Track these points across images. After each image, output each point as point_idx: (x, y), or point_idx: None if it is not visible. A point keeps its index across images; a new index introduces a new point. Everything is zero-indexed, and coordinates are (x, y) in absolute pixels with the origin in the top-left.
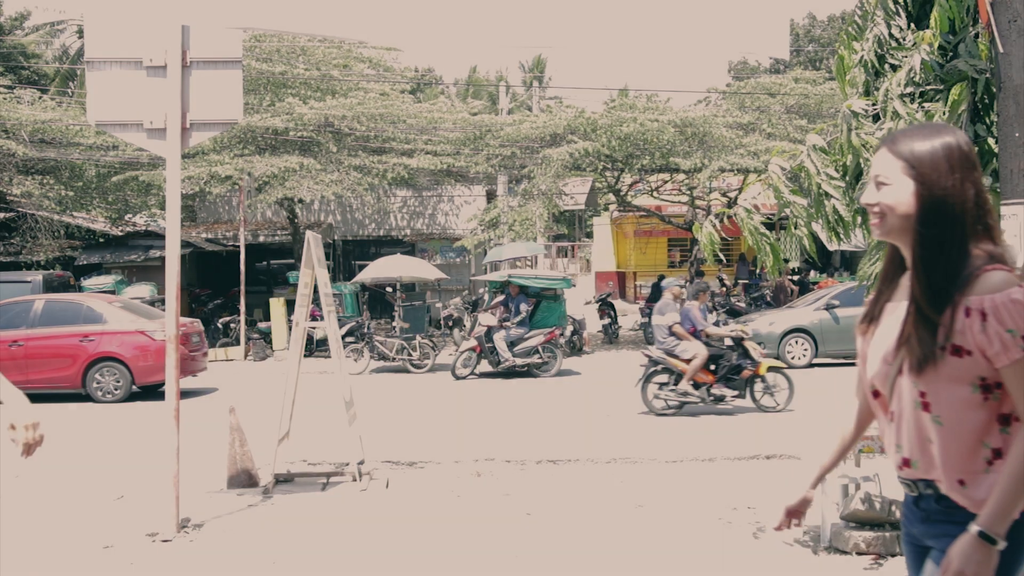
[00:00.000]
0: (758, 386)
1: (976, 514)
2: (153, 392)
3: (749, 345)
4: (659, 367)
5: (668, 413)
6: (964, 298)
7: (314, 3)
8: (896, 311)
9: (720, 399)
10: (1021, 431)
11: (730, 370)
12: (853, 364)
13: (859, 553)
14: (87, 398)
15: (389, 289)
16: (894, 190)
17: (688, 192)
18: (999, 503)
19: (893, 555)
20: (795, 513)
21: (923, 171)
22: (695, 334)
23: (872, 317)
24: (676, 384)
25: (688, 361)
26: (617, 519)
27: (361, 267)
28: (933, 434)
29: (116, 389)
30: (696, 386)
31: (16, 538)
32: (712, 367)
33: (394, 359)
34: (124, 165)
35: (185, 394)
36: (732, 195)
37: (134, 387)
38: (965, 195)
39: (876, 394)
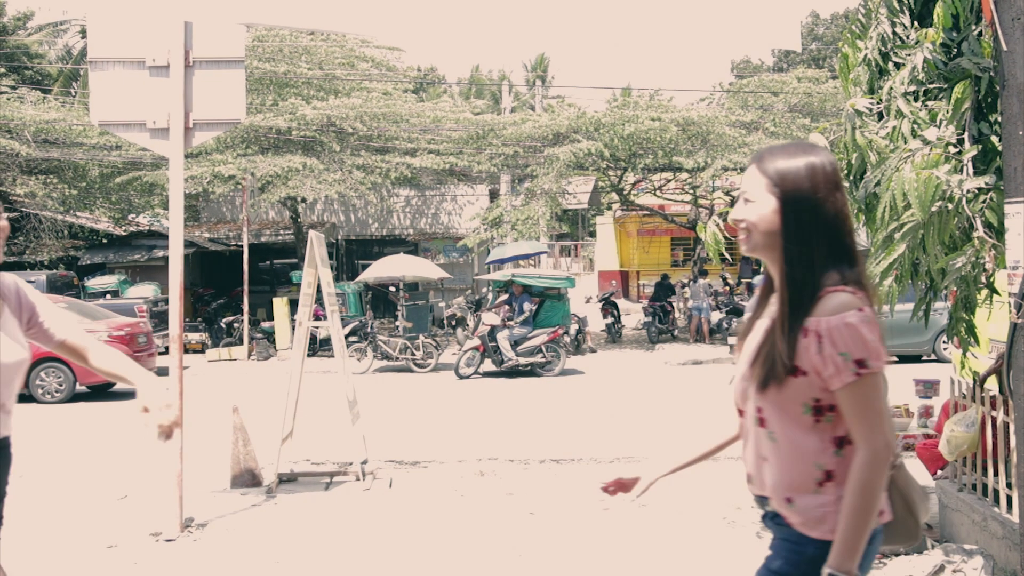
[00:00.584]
0: None
1: (803, 533)
2: (103, 392)
3: None
4: None
5: None
6: (807, 318)
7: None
8: (759, 329)
9: None
10: (855, 461)
11: None
12: None
13: None
14: (30, 399)
15: (392, 288)
16: (758, 207)
17: (691, 191)
18: (844, 541)
19: (897, 555)
20: (624, 486)
21: (786, 189)
22: None
23: (745, 334)
24: None
25: None
26: (620, 519)
27: (364, 266)
28: (767, 451)
29: (58, 390)
30: None
31: (20, 538)
32: None
33: (397, 358)
34: (127, 165)
35: (128, 394)
36: (735, 194)
37: (79, 387)
38: (826, 215)
39: (740, 412)
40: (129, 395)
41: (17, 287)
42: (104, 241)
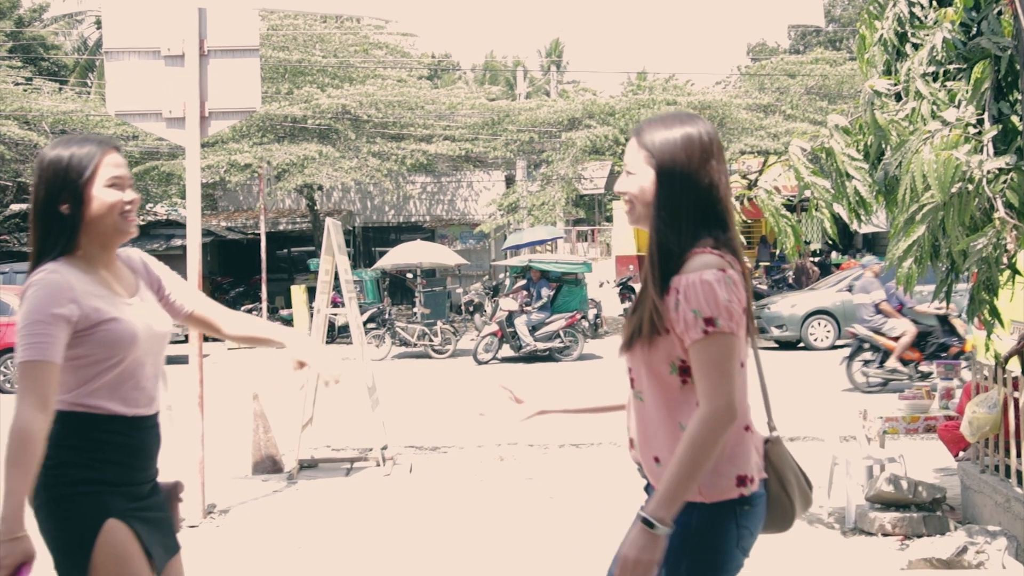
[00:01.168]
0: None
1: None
2: None
3: (955, 322)
4: (865, 344)
5: (873, 390)
6: (672, 278)
7: None
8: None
9: (927, 376)
10: (695, 415)
11: (937, 348)
12: None
13: (884, 535)
14: None
15: (409, 275)
16: (638, 179)
17: None
18: (665, 489)
19: (919, 536)
20: (518, 401)
21: (661, 160)
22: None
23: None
24: (883, 362)
25: (896, 339)
26: (640, 501)
27: (381, 253)
28: (638, 410)
29: None
30: (904, 363)
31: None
32: (919, 344)
33: (415, 345)
34: (144, 155)
35: None
36: (752, 177)
37: None
38: (699, 184)
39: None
40: None
41: (143, 261)
42: None
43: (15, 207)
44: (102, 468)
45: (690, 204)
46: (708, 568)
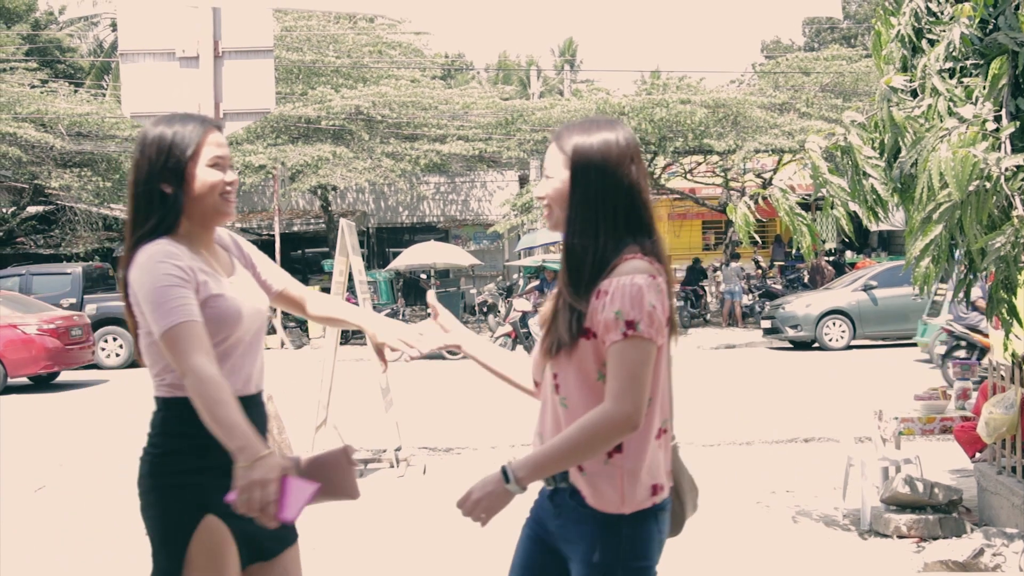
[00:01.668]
0: None
1: (597, 509)
2: (44, 384)
3: None
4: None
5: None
6: (600, 281)
7: None
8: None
9: None
10: (597, 407)
11: None
12: (892, 346)
13: (900, 536)
14: None
15: (423, 276)
16: (555, 183)
17: (722, 174)
18: (538, 456)
19: (935, 538)
20: (438, 327)
21: (577, 163)
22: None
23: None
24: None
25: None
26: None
27: (395, 254)
28: (562, 417)
29: None
30: None
31: (65, 524)
32: None
33: None
34: None
35: (71, 385)
36: (767, 176)
37: (11, 379)
38: (617, 188)
39: (536, 384)
40: (70, 386)
41: (234, 239)
42: None
43: (32, 209)
44: (207, 454)
45: (608, 209)
46: None
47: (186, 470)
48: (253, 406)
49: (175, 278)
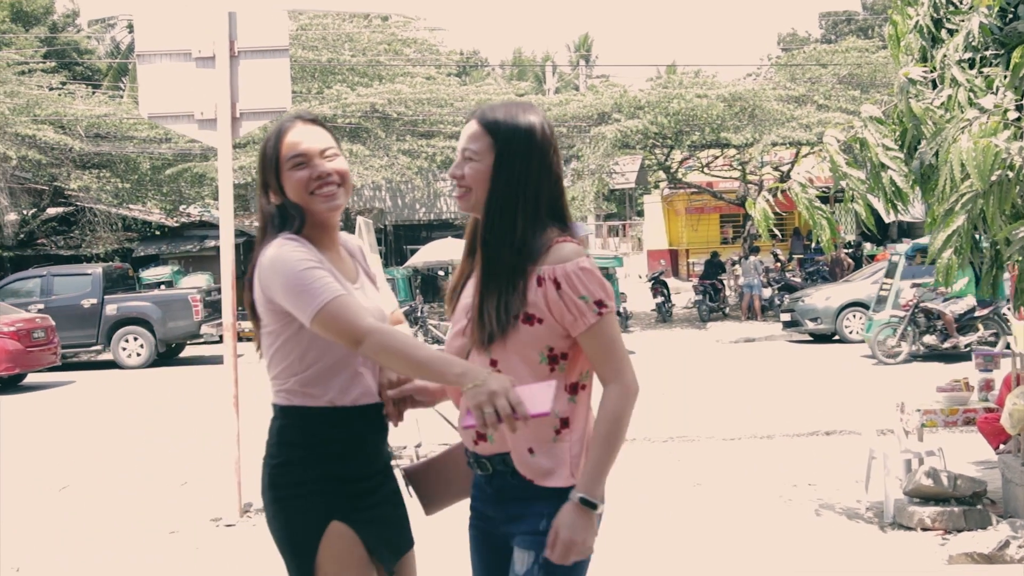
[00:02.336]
0: None
1: (543, 486)
2: (11, 385)
3: None
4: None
5: None
6: (536, 268)
7: None
8: (470, 286)
9: None
10: (608, 394)
11: None
12: None
13: (924, 529)
14: None
15: (441, 273)
16: (480, 166)
17: (740, 167)
18: (592, 466)
19: (960, 531)
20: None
21: (506, 148)
22: None
23: (456, 291)
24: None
25: None
26: (675, 498)
27: (413, 251)
28: None
29: None
30: None
31: (90, 524)
32: None
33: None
34: (177, 157)
35: (37, 387)
36: (785, 169)
37: None
38: (541, 176)
39: None
40: (36, 388)
41: (360, 248)
42: (157, 233)
43: (52, 211)
44: (326, 464)
45: (531, 194)
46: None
47: (306, 480)
48: (374, 417)
49: (310, 261)
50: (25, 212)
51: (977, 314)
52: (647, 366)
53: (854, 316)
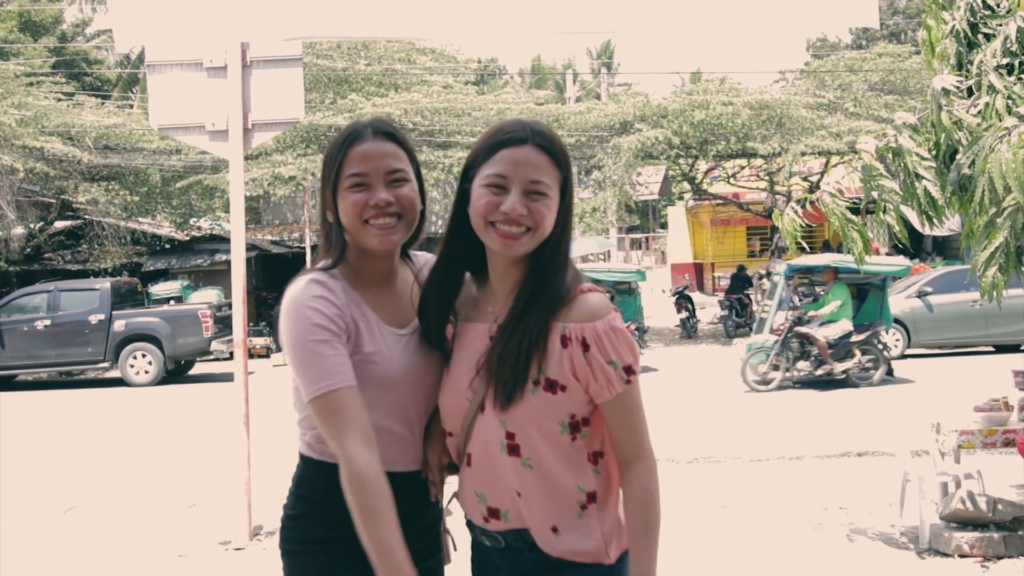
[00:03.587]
0: None
1: (576, 562)
2: None
3: None
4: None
5: None
6: (558, 324)
7: (370, 4)
8: (473, 334)
9: None
10: (636, 473)
11: None
12: (950, 355)
13: (962, 556)
14: None
15: None
16: (552, 202)
17: (767, 178)
18: (641, 554)
19: (1000, 557)
20: None
21: (568, 181)
22: None
23: (433, 339)
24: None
25: None
26: (700, 521)
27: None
28: (524, 479)
29: None
30: None
31: (95, 547)
32: None
33: None
34: (188, 169)
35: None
36: (814, 179)
37: None
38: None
39: (448, 434)
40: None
41: None
42: (167, 247)
43: (59, 224)
44: (337, 526)
45: (570, 232)
46: None
47: (312, 539)
48: (413, 487)
49: (324, 330)
50: (32, 226)
51: (854, 339)
52: (671, 383)
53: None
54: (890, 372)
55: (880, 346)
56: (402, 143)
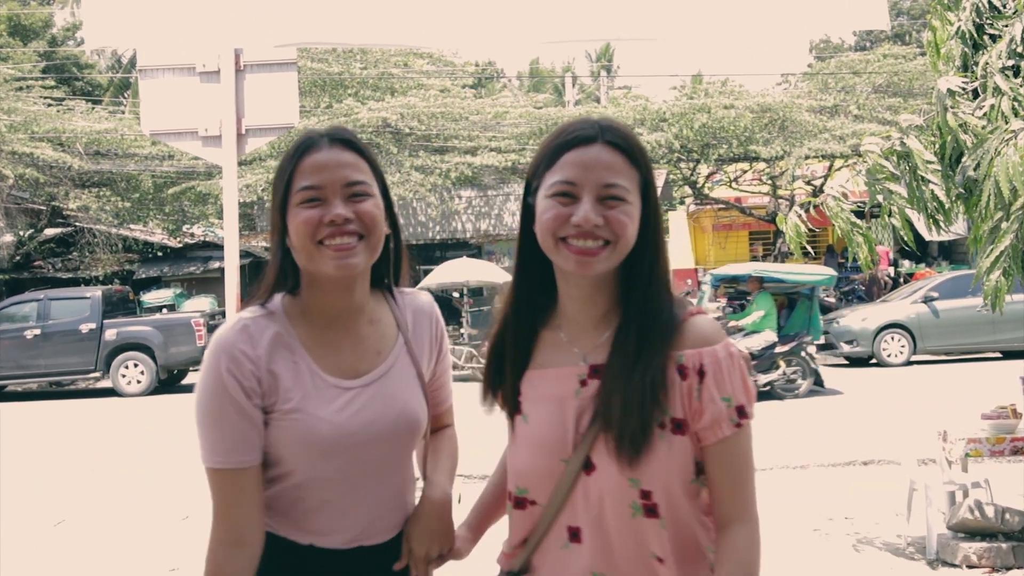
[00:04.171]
0: None
1: None
2: None
3: None
4: None
5: None
6: (674, 353)
7: (365, 10)
8: (552, 382)
9: None
10: (736, 538)
11: None
12: (956, 361)
13: (969, 566)
14: None
15: (456, 294)
16: (632, 209)
17: (770, 182)
18: None
19: (1009, 568)
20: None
21: (650, 182)
22: None
23: (506, 390)
24: None
25: None
26: None
27: (426, 272)
28: (660, 546)
29: None
30: None
31: (86, 560)
32: None
33: (464, 367)
34: (180, 175)
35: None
36: (817, 183)
37: None
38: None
39: (522, 503)
40: None
41: (432, 319)
42: (159, 254)
43: (49, 231)
44: None
45: (664, 243)
46: None
47: None
48: (359, 564)
49: (230, 398)
50: (22, 233)
51: (778, 350)
52: None
53: (893, 338)
54: (819, 383)
55: (807, 357)
56: (363, 153)
